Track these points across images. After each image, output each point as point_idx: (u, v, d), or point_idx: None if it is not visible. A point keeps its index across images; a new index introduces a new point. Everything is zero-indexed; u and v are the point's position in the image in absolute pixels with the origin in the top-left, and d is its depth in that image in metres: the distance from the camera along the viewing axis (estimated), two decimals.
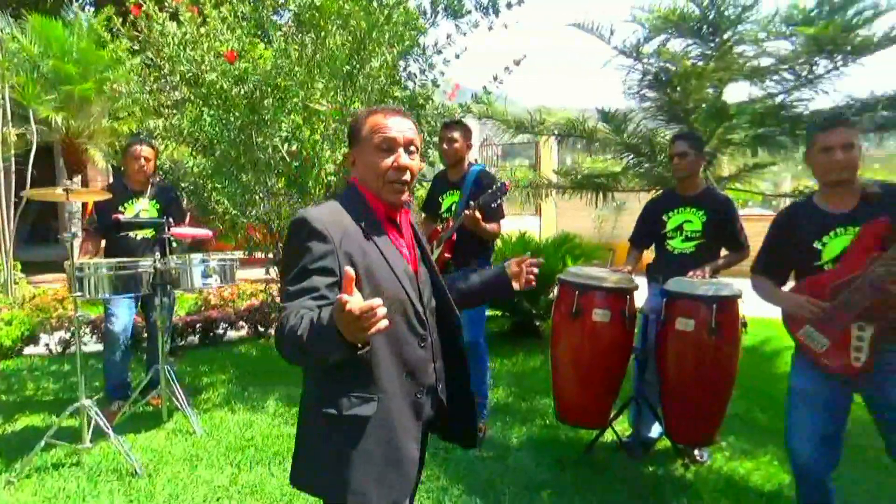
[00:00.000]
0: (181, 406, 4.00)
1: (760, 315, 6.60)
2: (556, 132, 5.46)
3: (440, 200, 3.93)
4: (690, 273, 3.33)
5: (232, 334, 6.34)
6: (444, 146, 3.80)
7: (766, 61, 4.67)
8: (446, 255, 3.73)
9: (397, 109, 1.69)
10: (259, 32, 4.83)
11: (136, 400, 4.19)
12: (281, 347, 1.43)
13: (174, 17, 4.58)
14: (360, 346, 1.30)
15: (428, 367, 1.68)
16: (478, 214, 3.44)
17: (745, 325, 3.24)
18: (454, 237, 3.71)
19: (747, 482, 3.28)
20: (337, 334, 1.25)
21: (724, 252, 3.60)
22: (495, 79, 5.40)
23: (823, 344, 2.32)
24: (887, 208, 2.24)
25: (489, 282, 1.92)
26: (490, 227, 3.63)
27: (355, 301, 1.20)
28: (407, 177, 1.62)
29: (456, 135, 3.77)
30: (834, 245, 2.34)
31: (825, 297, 2.29)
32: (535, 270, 1.90)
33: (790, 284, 2.55)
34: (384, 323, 1.22)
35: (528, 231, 6.64)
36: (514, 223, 8.82)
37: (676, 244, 3.57)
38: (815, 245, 2.38)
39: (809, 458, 2.42)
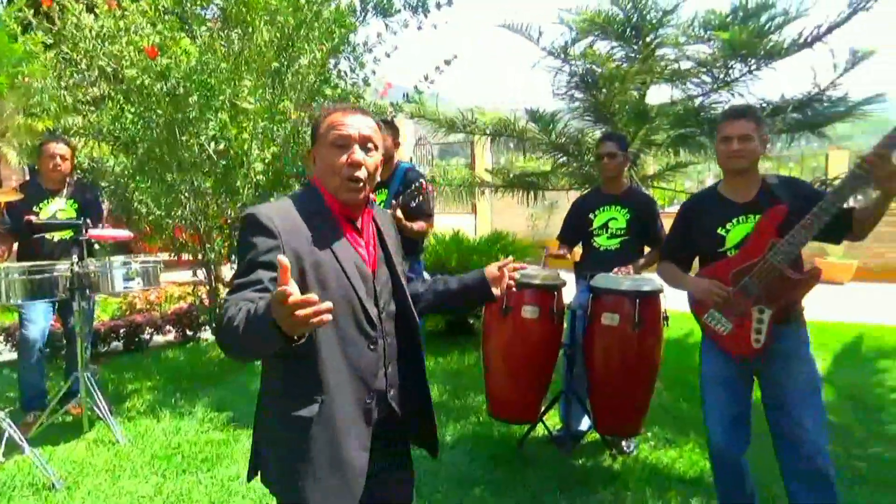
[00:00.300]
0: (103, 415, 3.84)
1: (683, 309, 6.91)
2: (487, 132, 5.51)
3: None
4: (615, 270, 3.44)
5: (158, 339, 6.12)
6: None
7: (686, 64, 4.85)
8: None
9: (357, 108, 1.66)
10: (183, 27, 4.68)
11: (54, 410, 3.98)
12: (220, 340, 1.41)
13: (90, 9, 4.39)
14: (296, 338, 1.26)
15: (378, 371, 1.63)
16: (399, 214, 3.45)
17: (666, 318, 3.37)
18: None
19: (671, 470, 3.40)
20: (271, 325, 1.22)
21: (646, 250, 3.73)
22: (426, 78, 5.44)
23: (727, 327, 2.45)
24: (784, 198, 2.37)
25: (468, 285, 1.85)
26: (414, 225, 3.66)
27: (292, 292, 1.17)
28: (362, 173, 1.58)
29: (383, 133, 3.75)
30: (736, 232, 2.46)
31: (727, 282, 2.41)
32: (517, 275, 1.85)
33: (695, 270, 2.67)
34: (327, 317, 1.20)
35: (463, 229, 6.68)
36: (451, 221, 8.87)
37: (602, 241, 3.68)
38: (718, 232, 2.49)
39: (722, 439, 2.52)
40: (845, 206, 2.29)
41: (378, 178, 1.70)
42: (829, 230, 2.29)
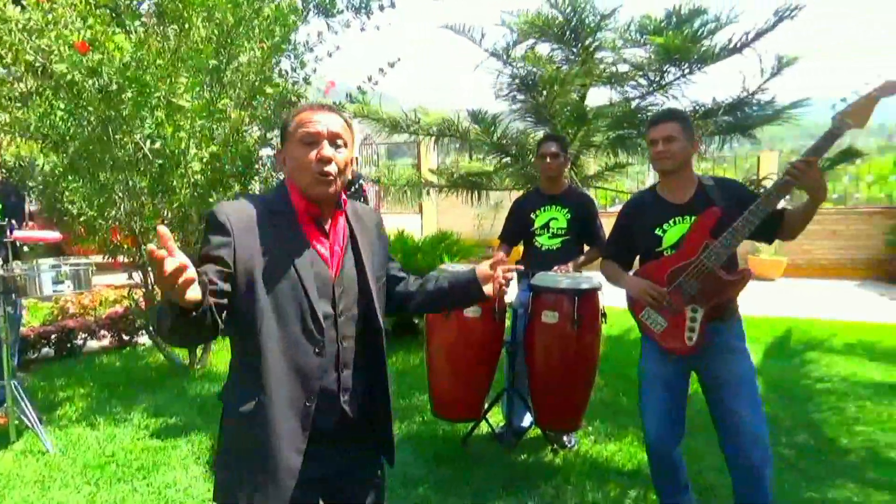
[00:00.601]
0: (31, 424, 3.69)
1: (622, 306, 7.09)
2: (431, 132, 5.52)
3: None
4: (555, 268, 3.51)
5: (93, 344, 5.92)
6: None
7: (623, 68, 4.97)
8: None
9: (326, 105, 1.65)
10: (116, 21, 4.53)
11: None
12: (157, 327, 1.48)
13: (17, 1, 4.21)
14: (190, 309, 1.29)
15: (325, 376, 1.59)
16: None
17: (604, 315, 3.45)
18: None
19: (610, 463, 3.49)
20: (165, 300, 1.30)
21: (585, 248, 3.81)
22: (370, 79, 5.42)
23: (661, 325, 2.52)
24: (718, 200, 2.45)
25: (460, 285, 1.83)
26: None
27: (162, 255, 1.20)
28: (332, 168, 1.56)
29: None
30: (673, 233, 2.53)
31: (663, 282, 2.48)
32: (510, 275, 1.80)
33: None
34: (191, 292, 1.25)
35: (407, 230, 6.68)
36: (397, 221, 8.85)
37: (544, 241, 3.74)
38: (656, 232, 2.56)
39: (657, 433, 2.61)
40: (777, 207, 2.39)
41: (349, 175, 1.67)
42: (762, 230, 2.39)
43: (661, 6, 4.77)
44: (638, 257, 2.73)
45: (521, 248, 3.96)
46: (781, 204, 2.41)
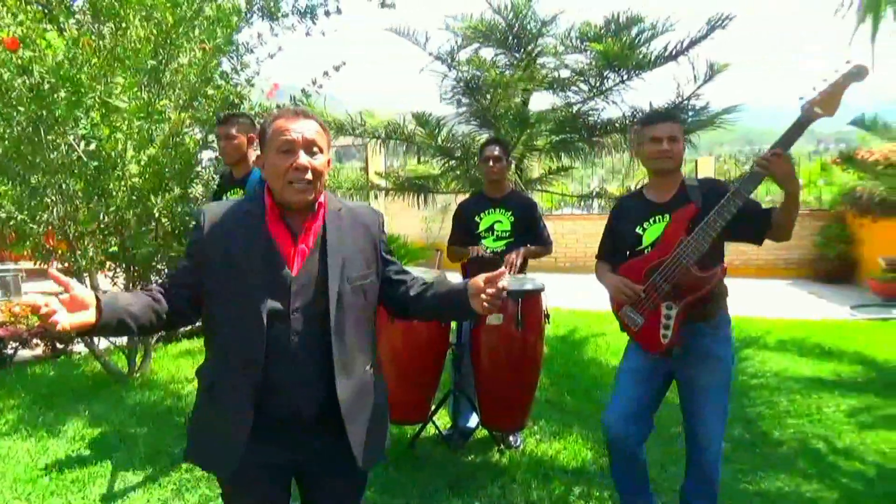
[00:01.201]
0: None
1: (566, 306, 7.23)
2: (377, 135, 5.52)
3: (225, 197, 3.66)
4: (505, 258, 3.57)
5: (24, 354, 5.67)
6: (222, 144, 3.60)
7: (565, 73, 5.09)
8: None
9: (301, 111, 1.71)
10: (48, 18, 4.36)
11: None
12: None
13: None
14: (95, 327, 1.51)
15: (273, 368, 1.64)
16: None
17: (547, 316, 3.51)
18: None
19: (555, 461, 3.54)
20: None
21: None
22: (314, 82, 5.38)
23: (638, 322, 2.52)
24: (696, 198, 2.43)
25: (451, 299, 1.76)
26: None
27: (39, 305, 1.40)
28: (308, 176, 1.64)
29: (233, 130, 3.55)
30: (652, 231, 2.53)
31: (640, 279, 2.47)
32: (502, 289, 1.63)
33: None
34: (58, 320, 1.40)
35: None
36: None
37: (489, 243, 3.79)
38: (636, 231, 2.56)
39: (616, 428, 2.59)
40: (767, 208, 2.41)
41: (325, 178, 1.71)
42: (749, 230, 2.41)
43: (600, 14, 4.90)
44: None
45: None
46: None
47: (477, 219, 3.83)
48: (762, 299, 8.27)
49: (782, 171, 2.22)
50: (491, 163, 3.74)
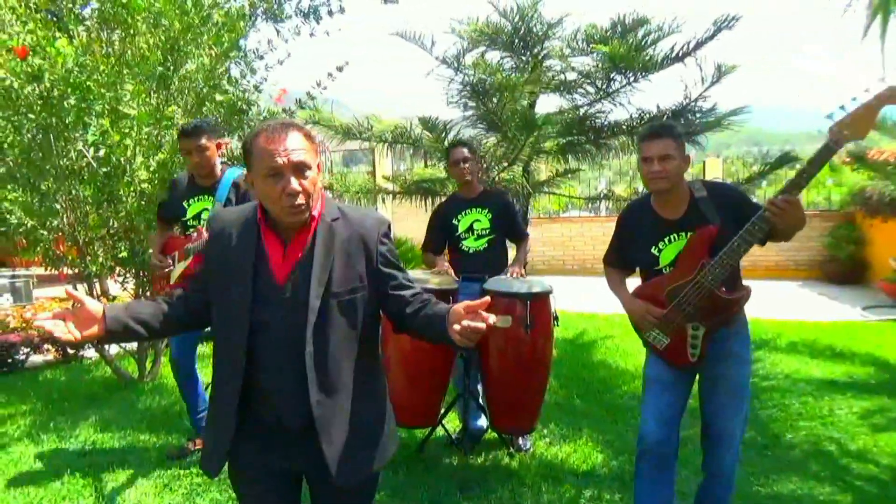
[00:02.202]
0: None
1: (573, 309, 7.22)
2: (384, 139, 5.53)
3: (185, 206, 3.51)
4: (509, 271, 3.56)
5: (36, 359, 5.71)
6: (195, 158, 3.37)
7: (571, 75, 5.08)
8: (194, 267, 3.40)
9: (283, 126, 1.62)
10: (58, 25, 4.40)
11: None
12: None
13: None
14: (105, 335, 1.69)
15: (258, 376, 1.66)
16: None
17: (556, 318, 3.50)
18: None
19: (565, 464, 3.53)
20: None
21: (509, 244, 3.95)
22: (318, 84, 5.40)
23: (664, 342, 2.48)
24: (712, 215, 2.36)
25: (431, 322, 1.68)
26: None
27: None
28: (300, 200, 1.60)
29: (204, 141, 3.35)
30: (669, 251, 2.46)
31: (661, 300, 2.43)
32: (481, 326, 1.50)
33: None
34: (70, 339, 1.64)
35: None
36: None
37: (470, 243, 3.82)
38: (652, 251, 2.49)
39: (655, 435, 2.52)
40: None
41: (318, 189, 1.69)
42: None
43: (607, 16, 4.90)
44: (639, 270, 2.67)
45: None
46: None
47: (455, 221, 3.84)
48: (772, 301, 8.22)
49: (792, 220, 2.17)
50: (462, 164, 3.76)
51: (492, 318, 1.51)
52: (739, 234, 2.22)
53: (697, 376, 2.59)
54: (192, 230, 3.47)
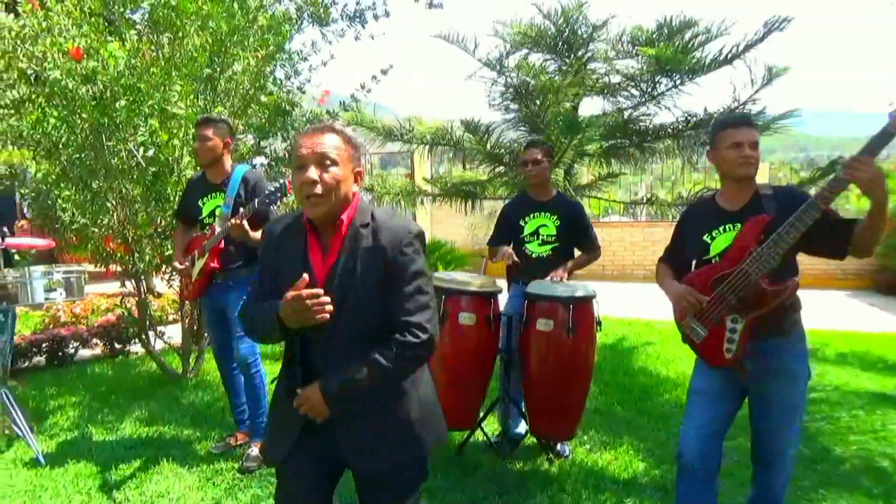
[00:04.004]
0: (22, 434, 3.66)
1: (616, 314, 7.13)
2: (425, 141, 5.54)
3: (200, 205, 3.62)
4: (550, 275, 3.52)
5: (84, 353, 5.88)
6: (196, 145, 3.52)
7: (615, 78, 5.02)
8: (212, 264, 3.50)
9: (319, 127, 1.76)
10: (110, 29, 4.53)
11: None
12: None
13: (11, 8, 4.20)
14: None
15: (295, 372, 1.82)
16: (245, 223, 3.16)
17: (599, 323, 3.45)
18: (221, 245, 3.46)
19: (606, 472, 3.47)
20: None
21: (577, 253, 3.82)
22: (363, 87, 5.45)
23: (701, 334, 2.42)
24: (771, 208, 2.31)
25: (353, 367, 1.81)
26: (258, 234, 3.53)
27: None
28: (317, 190, 1.68)
29: (209, 132, 3.48)
30: (721, 240, 2.41)
31: (706, 290, 2.36)
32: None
33: None
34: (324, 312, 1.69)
35: None
36: None
37: (534, 248, 3.74)
38: (704, 239, 2.45)
39: (695, 453, 2.45)
40: (849, 219, 2.25)
41: (344, 190, 1.74)
42: (831, 243, 2.28)
43: (653, 18, 4.82)
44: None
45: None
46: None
47: (521, 222, 3.77)
48: (819, 310, 7.97)
49: (868, 177, 2.05)
50: (529, 166, 3.68)
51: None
52: (788, 220, 2.17)
53: (749, 394, 2.48)
54: (207, 228, 3.58)
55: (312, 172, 1.68)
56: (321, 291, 1.67)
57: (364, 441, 1.82)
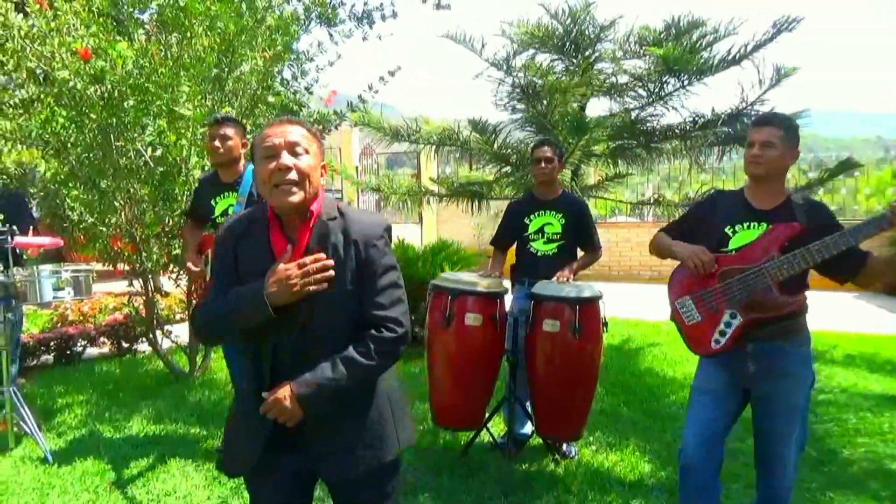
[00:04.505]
0: (30, 431, 3.68)
1: (623, 315, 7.11)
2: (432, 141, 5.54)
3: (213, 204, 3.60)
4: (556, 276, 3.51)
5: (92, 352, 5.91)
6: (216, 143, 3.47)
7: (623, 78, 5.01)
8: None
9: (286, 119, 1.71)
10: (119, 29, 4.55)
11: None
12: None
13: (20, 8, 4.23)
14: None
15: (262, 370, 1.70)
16: None
17: (605, 324, 3.44)
18: None
19: (612, 473, 3.46)
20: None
21: (580, 253, 3.83)
22: (370, 88, 5.46)
23: (695, 318, 2.41)
24: (802, 219, 2.29)
25: (321, 365, 1.72)
26: None
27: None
28: (293, 175, 1.62)
29: (230, 131, 3.48)
30: (742, 235, 2.38)
31: (712, 278, 2.35)
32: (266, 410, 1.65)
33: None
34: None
35: (408, 239, 6.69)
36: (396, 231, 8.80)
37: (538, 246, 3.74)
38: (726, 230, 2.42)
39: (695, 454, 2.45)
40: (865, 251, 2.27)
41: (315, 180, 1.68)
42: (838, 269, 2.29)
43: (660, 18, 4.81)
44: None
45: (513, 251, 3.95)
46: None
47: (527, 220, 3.78)
48: (826, 312, 7.89)
49: None
50: (542, 163, 3.68)
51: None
52: (823, 240, 2.17)
53: (752, 396, 2.48)
54: (217, 228, 3.56)
55: (286, 158, 1.62)
56: (323, 256, 1.61)
57: (333, 445, 1.72)
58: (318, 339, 1.67)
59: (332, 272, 1.61)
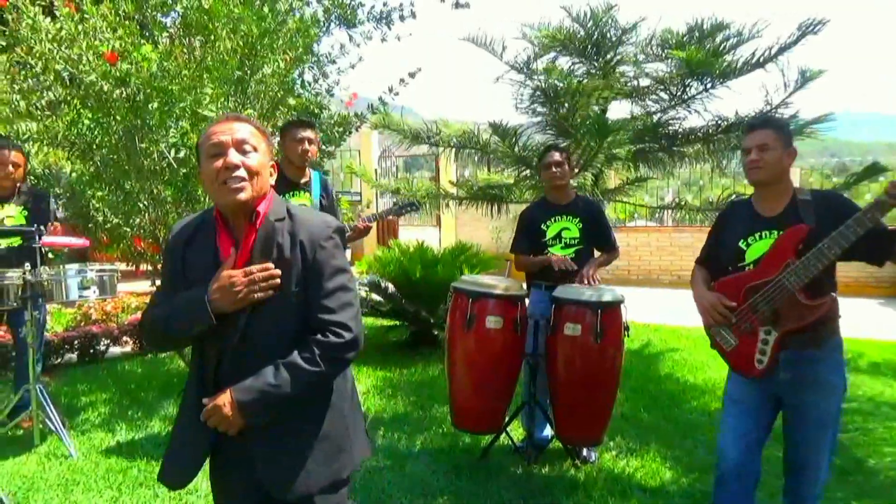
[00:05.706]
0: (55, 428, 3.73)
1: (644, 320, 7.05)
2: (451, 144, 5.54)
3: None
4: (582, 271, 3.50)
5: (115, 350, 5.97)
6: (302, 147, 3.61)
7: (645, 81, 4.97)
8: None
9: (232, 116, 1.67)
10: (144, 33, 4.61)
11: (2, 423, 3.87)
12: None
13: (48, 11, 4.29)
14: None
15: (205, 378, 1.65)
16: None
17: (627, 328, 3.41)
18: None
19: (632, 479, 3.44)
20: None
21: (597, 253, 3.82)
22: (391, 90, 5.46)
23: (731, 343, 2.39)
24: (810, 216, 2.27)
25: (264, 370, 1.66)
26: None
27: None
28: (241, 173, 1.57)
29: (312, 135, 3.66)
30: (756, 247, 2.37)
31: (739, 298, 2.33)
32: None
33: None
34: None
35: (427, 242, 6.70)
36: (415, 234, 8.84)
37: (557, 251, 3.71)
38: (739, 245, 2.40)
39: (735, 464, 2.43)
40: (892, 228, 2.21)
41: (265, 181, 1.66)
42: (872, 250, 2.23)
43: (683, 21, 4.77)
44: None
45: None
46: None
47: (543, 226, 3.76)
48: (851, 319, 7.74)
49: None
50: (553, 168, 3.67)
51: None
52: (831, 235, 2.12)
53: (783, 405, 2.44)
54: None
55: (234, 156, 1.57)
56: (270, 265, 1.57)
57: (283, 459, 1.62)
58: (262, 344, 1.60)
59: (278, 280, 1.56)
